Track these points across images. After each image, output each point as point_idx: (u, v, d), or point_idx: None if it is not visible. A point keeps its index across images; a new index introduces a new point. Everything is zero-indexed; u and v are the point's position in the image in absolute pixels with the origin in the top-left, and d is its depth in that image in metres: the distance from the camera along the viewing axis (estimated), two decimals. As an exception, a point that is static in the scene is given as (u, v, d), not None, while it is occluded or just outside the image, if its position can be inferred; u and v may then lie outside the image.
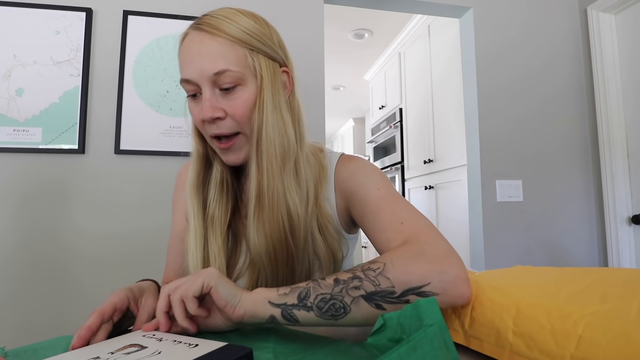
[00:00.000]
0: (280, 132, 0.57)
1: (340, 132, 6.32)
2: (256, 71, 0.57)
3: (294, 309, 0.45)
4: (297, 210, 0.58)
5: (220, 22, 0.56)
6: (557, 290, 0.42)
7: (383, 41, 3.33)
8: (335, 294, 0.44)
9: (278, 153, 0.57)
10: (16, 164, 1.46)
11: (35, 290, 1.44)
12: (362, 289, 0.44)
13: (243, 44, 0.56)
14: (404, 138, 3.05)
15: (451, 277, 0.44)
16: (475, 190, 1.93)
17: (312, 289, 0.45)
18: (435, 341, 0.31)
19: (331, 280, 0.46)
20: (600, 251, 1.94)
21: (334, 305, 0.44)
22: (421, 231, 0.52)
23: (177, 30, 1.63)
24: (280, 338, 0.46)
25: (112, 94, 1.56)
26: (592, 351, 0.32)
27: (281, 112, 0.58)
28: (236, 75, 0.56)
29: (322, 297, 0.45)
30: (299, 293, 0.45)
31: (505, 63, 1.98)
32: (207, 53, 0.55)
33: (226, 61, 0.55)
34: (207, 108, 0.56)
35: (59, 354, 0.44)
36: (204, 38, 0.56)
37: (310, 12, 1.78)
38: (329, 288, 0.45)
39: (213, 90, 0.57)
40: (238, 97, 0.57)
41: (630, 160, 1.85)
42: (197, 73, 0.56)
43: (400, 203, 0.58)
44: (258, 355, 0.39)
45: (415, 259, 0.46)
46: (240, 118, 0.57)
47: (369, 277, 0.45)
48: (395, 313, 0.38)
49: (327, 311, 0.44)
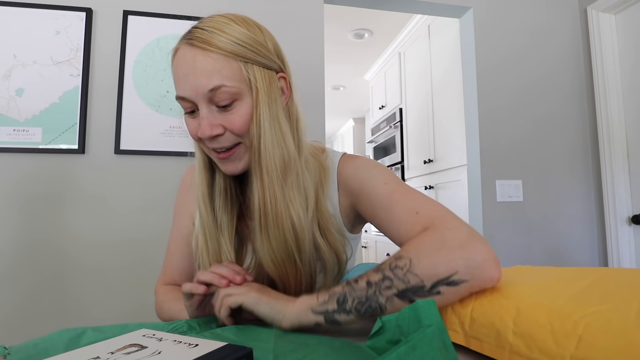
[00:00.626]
0: (279, 144, 0.57)
1: (340, 132, 6.32)
2: (251, 83, 0.56)
3: (335, 314, 0.47)
4: (301, 221, 0.59)
5: (212, 35, 0.54)
6: (557, 291, 0.42)
7: (383, 41, 3.33)
8: (370, 296, 0.46)
9: (278, 166, 0.57)
10: (16, 164, 1.46)
11: (35, 289, 1.44)
12: (394, 288, 0.46)
13: (237, 57, 0.55)
14: (404, 138, 3.05)
15: (477, 262, 0.45)
16: (475, 190, 1.93)
17: (349, 292, 0.47)
18: (434, 341, 0.31)
19: (364, 283, 0.48)
20: (600, 251, 1.94)
21: (371, 307, 0.46)
22: (438, 217, 0.53)
23: (177, 30, 1.63)
24: (279, 338, 0.46)
25: (112, 94, 1.56)
26: (592, 351, 0.32)
27: (279, 122, 0.58)
28: (232, 90, 0.54)
29: (358, 300, 0.47)
30: (337, 299, 0.48)
31: (505, 63, 1.98)
32: (201, 70, 0.54)
33: (221, 77, 0.54)
34: (205, 127, 0.55)
35: (59, 347, 0.44)
36: (196, 54, 0.54)
37: (310, 12, 1.78)
38: (363, 291, 0.47)
39: (210, 107, 0.56)
40: (236, 112, 0.56)
41: (630, 160, 1.85)
42: (192, 91, 0.55)
43: (410, 194, 0.58)
44: (258, 355, 0.39)
45: (439, 249, 0.47)
46: (240, 131, 0.56)
47: (398, 276, 0.46)
48: (393, 315, 0.38)
49: (365, 312, 0.47)
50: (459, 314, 0.45)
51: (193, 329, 0.53)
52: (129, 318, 1.48)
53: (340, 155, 0.68)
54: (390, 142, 3.27)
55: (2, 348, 0.45)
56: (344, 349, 0.41)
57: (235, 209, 0.66)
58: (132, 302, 1.50)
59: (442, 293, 0.45)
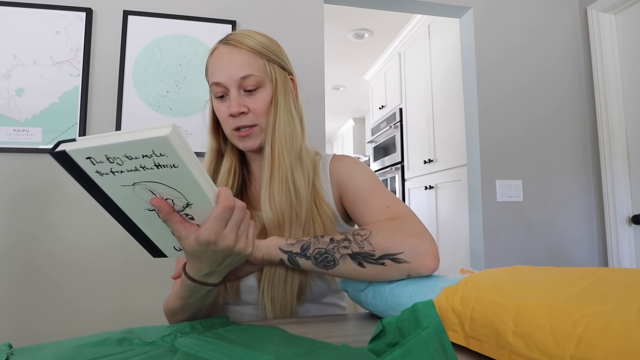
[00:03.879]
0: (290, 125, 0.71)
1: (340, 132, 6.32)
2: (272, 77, 0.71)
3: (297, 256, 0.59)
4: (301, 187, 0.69)
5: (244, 38, 0.70)
6: (557, 291, 0.42)
7: (383, 41, 3.33)
8: (329, 249, 0.58)
9: (287, 140, 0.70)
10: (16, 164, 1.46)
11: (35, 289, 1.44)
12: (349, 249, 0.57)
13: (262, 55, 0.70)
14: (404, 138, 3.05)
15: (421, 250, 0.56)
16: (475, 190, 1.93)
17: (312, 243, 0.59)
18: (431, 344, 0.30)
19: (328, 238, 0.59)
20: (600, 251, 1.94)
21: (326, 259, 0.58)
22: (404, 213, 0.65)
23: (177, 30, 1.63)
24: (282, 341, 0.46)
25: (112, 94, 1.56)
26: (592, 351, 0.32)
27: (290, 110, 0.72)
28: (258, 79, 0.69)
29: (318, 250, 0.58)
30: (302, 245, 0.59)
31: (505, 63, 1.98)
32: (235, 61, 0.69)
33: (250, 68, 0.69)
34: (234, 104, 0.68)
35: (65, 348, 0.44)
36: (232, 50, 0.70)
37: (310, 12, 1.78)
38: (324, 244, 0.59)
39: (239, 91, 0.69)
40: (258, 97, 0.70)
41: (630, 160, 1.85)
42: (227, 77, 0.69)
43: (386, 192, 0.71)
44: (259, 356, 0.39)
45: (396, 232, 0.58)
46: (260, 113, 0.70)
47: (356, 241, 0.58)
48: (393, 318, 0.38)
49: (321, 262, 0.58)
50: (458, 314, 0.45)
51: (195, 329, 0.53)
52: (131, 318, 1.48)
53: (331, 156, 0.81)
54: (390, 142, 3.27)
55: (7, 346, 0.45)
56: (345, 352, 0.41)
57: (237, 186, 0.76)
58: (133, 303, 1.50)
59: (386, 265, 0.56)
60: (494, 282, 0.48)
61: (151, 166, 0.41)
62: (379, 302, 0.58)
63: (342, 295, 0.80)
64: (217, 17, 1.68)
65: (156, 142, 0.38)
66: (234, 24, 1.68)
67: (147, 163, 0.40)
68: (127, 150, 0.39)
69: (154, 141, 0.38)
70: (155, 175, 0.42)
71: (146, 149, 0.39)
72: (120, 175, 0.42)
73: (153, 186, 0.44)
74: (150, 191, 0.45)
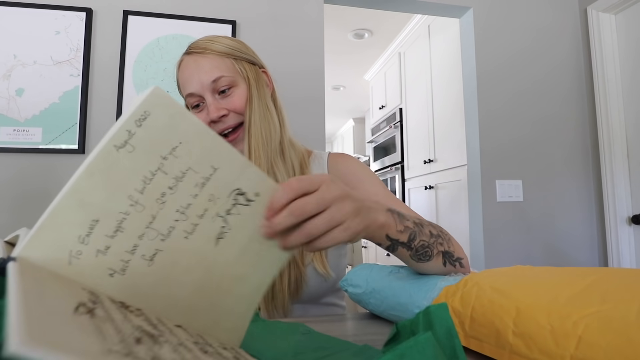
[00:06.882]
0: (266, 118, 0.70)
1: (340, 132, 6.32)
2: (243, 74, 0.71)
3: (401, 246, 0.50)
4: (282, 181, 0.67)
5: (206, 43, 0.71)
6: (557, 291, 0.42)
7: (383, 41, 3.33)
8: (430, 243, 0.53)
9: (264, 134, 0.69)
10: (16, 164, 1.46)
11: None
12: (443, 246, 0.55)
13: (228, 55, 0.70)
14: (404, 138, 3.05)
15: (467, 260, 0.59)
16: (475, 190, 1.93)
17: (418, 233, 0.52)
18: (429, 349, 0.28)
19: (427, 231, 0.54)
20: (600, 251, 1.94)
21: (426, 252, 0.53)
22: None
23: (177, 30, 1.63)
24: (302, 336, 0.45)
25: (112, 94, 1.56)
26: (592, 351, 0.32)
27: (266, 103, 0.71)
28: (229, 79, 0.69)
29: (422, 242, 0.52)
30: (409, 234, 0.51)
31: (505, 63, 1.98)
32: (203, 67, 0.69)
33: (219, 70, 0.69)
34: (213, 110, 0.68)
35: None
36: (197, 58, 0.70)
37: (310, 12, 1.78)
38: (427, 237, 0.53)
39: (214, 96, 0.69)
40: (234, 96, 0.69)
41: (630, 161, 1.85)
42: (198, 85, 0.68)
43: (390, 194, 0.71)
44: (279, 351, 0.39)
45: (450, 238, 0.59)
46: (240, 111, 0.69)
47: (445, 240, 0.56)
48: (408, 321, 0.37)
49: (421, 254, 0.53)
50: (458, 313, 0.45)
51: None
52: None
53: (327, 153, 0.80)
54: (390, 142, 3.27)
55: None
56: (365, 352, 0.41)
57: None
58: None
59: (455, 267, 0.56)
60: (494, 282, 0.48)
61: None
62: (379, 302, 0.57)
63: (342, 295, 0.79)
64: (217, 17, 1.68)
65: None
66: (233, 24, 1.68)
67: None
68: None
69: None
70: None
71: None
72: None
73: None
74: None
